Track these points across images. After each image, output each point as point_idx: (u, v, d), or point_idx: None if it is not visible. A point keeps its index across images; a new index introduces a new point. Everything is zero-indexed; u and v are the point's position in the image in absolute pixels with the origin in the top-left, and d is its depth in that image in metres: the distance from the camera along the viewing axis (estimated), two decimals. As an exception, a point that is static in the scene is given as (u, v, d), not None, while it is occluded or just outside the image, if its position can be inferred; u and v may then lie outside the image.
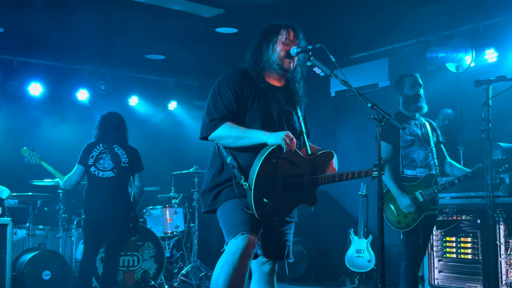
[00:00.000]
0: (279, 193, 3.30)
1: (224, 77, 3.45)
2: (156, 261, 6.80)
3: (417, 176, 4.82)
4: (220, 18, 6.84)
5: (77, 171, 5.75)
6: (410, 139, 4.84)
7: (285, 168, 3.31)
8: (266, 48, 3.44)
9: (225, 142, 3.33)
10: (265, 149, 3.23)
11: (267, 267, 3.55)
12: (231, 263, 3.17)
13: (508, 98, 4.40)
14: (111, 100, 8.46)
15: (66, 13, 6.59)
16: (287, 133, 3.23)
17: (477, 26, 6.74)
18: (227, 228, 3.30)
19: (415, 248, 4.83)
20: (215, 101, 3.37)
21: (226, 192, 3.34)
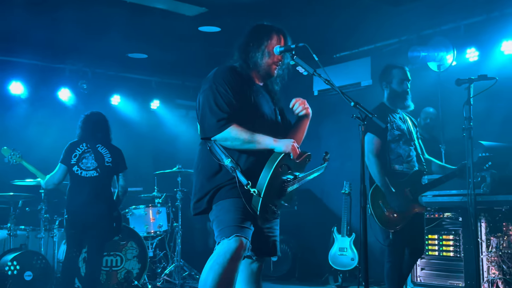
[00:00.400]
0: (276, 199, 3.34)
1: (218, 75, 3.39)
2: (139, 261, 6.77)
3: (405, 171, 4.72)
4: (203, 16, 6.82)
5: (60, 171, 5.70)
6: (397, 134, 4.73)
7: (283, 173, 3.34)
8: (256, 51, 3.44)
9: (230, 144, 3.28)
10: (275, 157, 3.23)
11: (255, 266, 3.56)
12: (221, 263, 3.15)
13: (489, 96, 4.44)
14: (93, 99, 8.40)
15: (47, 12, 6.53)
16: (295, 141, 3.30)
17: (458, 25, 6.80)
18: (220, 227, 3.26)
19: (402, 249, 4.75)
20: (216, 100, 3.28)
21: (224, 191, 3.29)
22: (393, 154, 4.70)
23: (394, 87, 4.81)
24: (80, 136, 5.83)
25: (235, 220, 3.22)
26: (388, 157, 4.69)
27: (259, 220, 3.26)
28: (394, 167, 4.69)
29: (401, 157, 4.71)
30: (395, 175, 4.67)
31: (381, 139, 4.67)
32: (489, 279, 5.56)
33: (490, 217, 5.62)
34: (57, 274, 6.64)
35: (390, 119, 4.73)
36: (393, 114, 4.78)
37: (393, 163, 4.69)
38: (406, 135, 4.77)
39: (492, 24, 6.50)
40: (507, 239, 5.52)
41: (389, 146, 4.69)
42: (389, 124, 4.67)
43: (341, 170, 8.23)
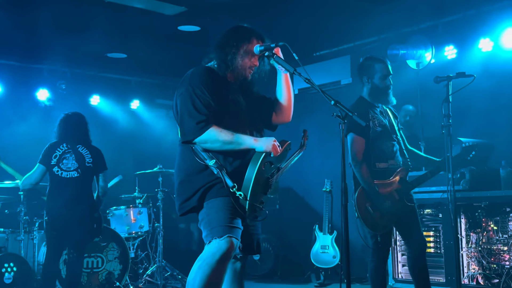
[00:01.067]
0: (262, 195, 3.34)
1: (194, 77, 3.37)
2: (121, 262, 6.73)
3: (389, 168, 4.54)
4: (183, 16, 6.80)
5: (38, 171, 5.64)
6: (379, 131, 4.54)
7: (267, 171, 3.35)
8: (234, 52, 3.41)
9: (211, 146, 3.27)
10: (257, 158, 3.23)
11: (239, 265, 3.56)
12: (210, 263, 3.13)
13: (468, 94, 4.48)
14: (72, 100, 8.34)
15: (24, 11, 6.46)
16: (275, 140, 3.29)
17: (436, 23, 6.85)
18: (212, 227, 3.23)
19: (387, 250, 4.65)
20: (195, 103, 3.27)
21: (216, 189, 3.27)
22: (375, 151, 4.53)
23: (376, 83, 4.61)
24: (59, 137, 5.77)
25: (227, 220, 3.21)
26: (372, 156, 4.52)
27: (248, 219, 3.26)
28: (377, 166, 4.53)
29: (384, 154, 4.54)
30: (379, 173, 4.51)
31: (364, 137, 4.50)
32: (469, 274, 5.62)
33: (469, 213, 5.68)
34: (37, 276, 6.57)
35: (372, 115, 4.56)
36: (373, 109, 4.61)
37: (376, 161, 4.52)
38: (388, 130, 4.60)
39: (470, 22, 6.57)
40: (487, 234, 5.59)
41: (372, 144, 4.51)
42: (371, 121, 4.51)
43: (322, 168, 8.26)
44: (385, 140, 4.57)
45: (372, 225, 4.51)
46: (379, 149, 4.54)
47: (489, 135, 6.11)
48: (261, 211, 3.38)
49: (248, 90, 3.56)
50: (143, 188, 7.96)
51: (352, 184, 7.19)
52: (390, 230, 4.65)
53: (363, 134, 4.49)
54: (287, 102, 3.63)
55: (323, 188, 7.63)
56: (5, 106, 8.10)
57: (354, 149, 4.50)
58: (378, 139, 4.53)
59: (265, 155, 3.25)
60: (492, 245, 5.54)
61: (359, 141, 4.49)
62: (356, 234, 8.17)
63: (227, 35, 3.48)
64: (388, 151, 4.56)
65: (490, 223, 5.58)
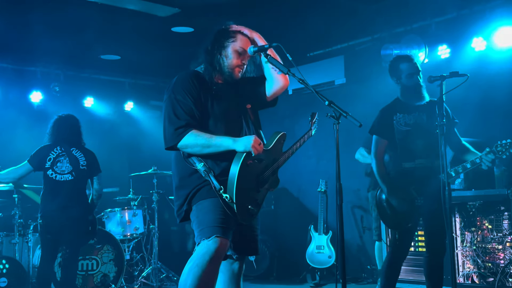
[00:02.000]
0: (255, 193, 3.35)
1: (177, 83, 3.39)
2: (116, 264, 6.72)
3: (416, 167, 4.50)
4: (176, 17, 6.79)
5: (24, 168, 5.62)
6: (405, 130, 4.55)
7: (255, 169, 3.35)
8: (220, 53, 3.42)
9: (192, 150, 3.28)
10: (238, 159, 3.23)
11: (237, 266, 3.56)
12: (201, 265, 3.13)
13: (461, 93, 4.49)
14: (66, 102, 8.32)
15: (18, 13, 6.44)
16: (255, 138, 3.26)
17: (429, 23, 6.87)
18: (200, 228, 3.25)
19: (405, 249, 4.61)
20: (175, 109, 3.30)
21: (205, 191, 3.28)
22: (404, 151, 4.54)
23: (404, 82, 4.61)
24: (53, 139, 5.75)
25: (215, 221, 3.21)
26: (399, 155, 4.55)
27: (239, 219, 3.26)
28: (403, 165, 4.54)
29: (411, 153, 4.51)
30: (405, 172, 4.52)
31: (386, 138, 4.62)
32: (464, 273, 5.64)
33: (464, 212, 5.70)
34: (32, 279, 6.55)
35: (397, 116, 4.58)
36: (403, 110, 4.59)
37: (403, 160, 4.54)
38: (420, 129, 4.52)
39: (463, 21, 6.58)
40: (481, 233, 5.60)
41: (399, 143, 4.55)
42: (394, 121, 4.55)
43: (316, 168, 8.27)
44: (415, 139, 4.53)
45: (389, 223, 4.63)
46: (406, 148, 4.54)
47: (482, 134, 6.12)
48: (257, 209, 3.38)
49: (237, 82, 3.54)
50: (138, 190, 7.94)
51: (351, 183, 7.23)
52: (410, 229, 4.60)
53: (384, 135, 4.62)
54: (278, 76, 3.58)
55: (318, 188, 7.63)
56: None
57: (373, 148, 4.65)
58: (405, 138, 4.55)
59: (246, 154, 3.24)
60: (487, 244, 5.55)
61: (379, 142, 4.64)
62: (351, 234, 8.22)
63: (212, 37, 3.48)
64: (416, 150, 4.52)
65: (484, 222, 5.60)
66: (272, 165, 3.46)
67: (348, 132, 6.22)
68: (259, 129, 3.60)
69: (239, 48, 3.44)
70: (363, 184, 7.63)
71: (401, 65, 4.63)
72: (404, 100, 4.65)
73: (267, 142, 3.51)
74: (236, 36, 3.47)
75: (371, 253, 7.66)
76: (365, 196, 7.87)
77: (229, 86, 3.50)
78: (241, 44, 3.45)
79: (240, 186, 3.19)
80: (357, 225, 8.03)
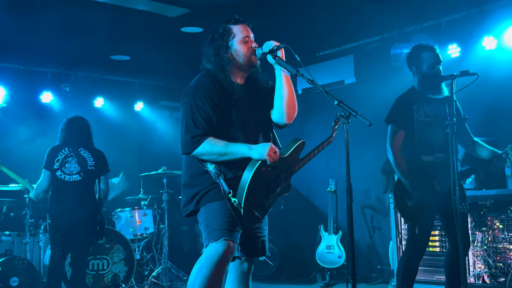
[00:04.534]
0: (264, 199, 3.35)
1: (197, 87, 3.35)
2: (126, 264, 6.74)
3: (436, 161, 4.37)
4: (185, 17, 6.80)
5: (45, 177, 5.67)
6: (425, 121, 4.40)
7: (268, 176, 3.34)
8: (228, 52, 3.40)
9: (208, 158, 3.28)
10: (251, 167, 3.23)
11: (246, 266, 3.56)
12: (209, 266, 3.15)
13: (472, 92, 4.47)
14: (76, 102, 8.35)
15: (28, 15, 6.47)
16: (271, 146, 3.25)
17: (439, 22, 6.84)
18: (208, 230, 3.26)
19: (423, 246, 4.51)
20: (194, 116, 3.28)
21: (213, 193, 3.29)
22: (423, 143, 4.38)
23: (425, 72, 4.43)
24: (61, 140, 5.79)
25: (223, 224, 3.23)
26: (417, 147, 4.39)
27: (244, 223, 3.25)
28: (422, 158, 4.38)
29: (431, 146, 4.38)
30: (424, 166, 4.39)
31: (404, 129, 4.41)
32: (475, 273, 5.61)
33: (475, 212, 5.67)
34: (43, 279, 6.58)
35: (417, 106, 4.42)
36: (422, 100, 4.45)
37: (422, 153, 4.38)
38: (438, 120, 4.39)
39: (473, 20, 6.55)
40: (492, 233, 5.58)
41: (418, 135, 4.39)
42: (414, 112, 4.39)
43: (326, 168, 8.25)
44: (435, 131, 4.39)
45: (409, 217, 4.43)
46: (425, 141, 4.39)
47: (493, 133, 6.09)
48: (264, 214, 3.38)
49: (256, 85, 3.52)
50: (148, 190, 7.97)
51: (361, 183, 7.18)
52: (430, 224, 4.51)
53: (403, 126, 4.42)
54: (288, 103, 3.49)
55: (328, 188, 7.62)
56: (10, 109, 8.12)
57: (390, 140, 4.43)
58: (425, 130, 4.39)
59: (260, 162, 3.24)
60: (498, 244, 5.52)
61: (397, 133, 4.42)
62: (361, 234, 8.20)
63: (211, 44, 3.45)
64: (436, 143, 4.39)
65: (495, 222, 5.57)
66: (286, 172, 3.45)
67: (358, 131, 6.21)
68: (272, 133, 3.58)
69: (242, 38, 3.42)
70: (373, 184, 7.62)
71: (424, 54, 4.47)
72: (421, 90, 4.50)
73: (284, 149, 3.48)
74: (232, 30, 3.44)
75: (381, 252, 7.64)
76: (375, 196, 7.86)
77: (248, 87, 3.48)
78: (242, 35, 3.43)
79: (250, 193, 3.20)
80: (367, 225, 8.01)
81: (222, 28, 3.46)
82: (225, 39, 3.42)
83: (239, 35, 3.43)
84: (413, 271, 4.50)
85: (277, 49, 3.38)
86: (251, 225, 3.34)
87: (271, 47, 3.37)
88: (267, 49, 3.37)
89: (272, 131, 3.60)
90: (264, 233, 3.56)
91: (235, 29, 3.45)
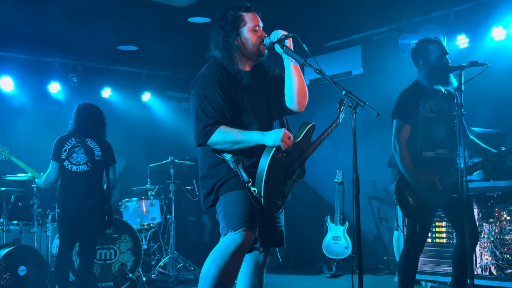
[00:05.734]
0: (282, 186, 3.32)
1: (205, 77, 3.33)
2: (133, 254, 6.77)
3: (438, 157, 4.35)
4: (193, 7, 6.79)
5: (53, 168, 5.68)
6: (430, 117, 4.36)
7: (283, 162, 3.31)
8: (238, 39, 3.37)
9: (221, 147, 3.25)
10: (267, 153, 3.19)
11: (261, 257, 3.54)
12: (224, 257, 3.12)
13: (480, 83, 4.44)
14: (84, 93, 8.36)
15: (35, 5, 6.47)
16: (284, 132, 3.22)
17: (448, 12, 6.79)
18: (227, 220, 3.22)
19: (423, 242, 4.49)
20: (203, 106, 3.25)
21: (233, 182, 3.25)
22: (425, 139, 4.35)
23: (433, 63, 4.37)
24: (70, 129, 5.79)
25: (242, 213, 3.19)
26: (419, 143, 4.35)
27: (265, 211, 3.23)
28: (424, 154, 4.36)
29: (433, 142, 4.35)
30: (426, 162, 4.36)
31: (410, 124, 4.35)
32: (482, 265, 5.60)
33: (482, 203, 5.65)
34: (51, 268, 6.62)
35: (422, 100, 4.38)
36: (427, 94, 4.40)
37: (423, 149, 4.35)
38: (444, 116, 4.38)
39: (482, 10, 6.50)
40: (499, 224, 5.56)
41: (421, 130, 4.35)
42: (420, 107, 4.34)
43: (333, 159, 8.25)
44: (438, 127, 4.37)
45: (410, 214, 4.40)
46: (428, 137, 4.36)
47: (501, 125, 6.07)
48: (283, 201, 3.36)
49: (263, 73, 3.50)
50: (155, 180, 7.98)
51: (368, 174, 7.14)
52: (429, 221, 4.50)
53: (409, 121, 4.37)
54: (298, 91, 3.48)
55: (335, 179, 7.62)
56: (17, 100, 8.15)
57: (396, 135, 4.38)
58: (429, 125, 4.35)
59: (275, 149, 3.21)
60: (505, 235, 5.51)
61: (403, 128, 4.37)
62: (368, 225, 8.20)
63: (220, 30, 3.42)
64: (438, 139, 4.37)
65: (503, 213, 5.55)
66: (300, 157, 3.43)
67: (366, 122, 6.20)
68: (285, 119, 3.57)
69: (252, 27, 3.40)
70: (380, 175, 7.61)
71: (430, 46, 4.42)
72: (427, 83, 4.44)
73: (296, 134, 3.46)
74: (243, 18, 3.42)
75: (388, 244, 7.64)
76: (381, 187, 7.85)
77: (255, 74, 3.45)
78: (253, 23, 3.41)
79: (269, 181, 3.16)
80: (373, 216, 8.01)
81: (233, 15, 3.44)
82: (236, 26, 3.40)
83: (250, 23, 3.41)
84: (414, 265, 4.49)
85: (285, 38, 3.35)
86: (272, 213, 3.33)
87: (279, 36, 3.35)
88: (275, 39, 3.35)
89: (285, 116, 3.57)
90: (281, 223, 3.55)
91: (246, 16, 3.43)
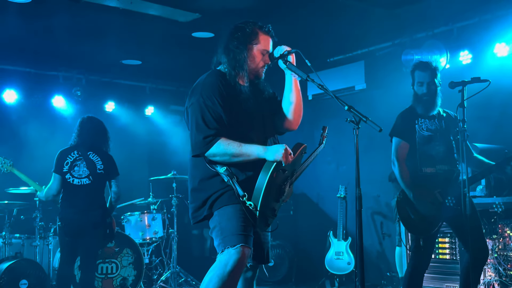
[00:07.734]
0: (274, 203, 3.31)
1: (205, 86, 3.30)
2: (135, 268, 6.75)
3: (438, 173, 4.48)
4: (197, 22, 6.83)
5: (55, 181, 5.67)
6: (427, 135, 4.52)
7: (279, 179, 3.30)
8: (244, 53, 3.36)
9: (220, 159, 3.21)
10: (268, 168, 3.18)
11: (250, 273, 3.52)
12: (221, 276, 3.09)
13: (483, 99, 4.45)
14: (88, 106, 8.38)
15: (40, 19, 6.52)
16: (286, 148, 3.20)
17: (451, 28, 6.81)
18: (224, 235, 3.17)
19: (428, 256, 4.52)
20: (204, 116, 3.21)
21: (227, 196, 3.22)
22: (423, 156, 4.49)
23: (416, 89, 4.62)
24: (72, 142, 5.80)
25: (239, 228, 3.15)
26: (418, 160, 4.49)
27: (258, 228, 3.22)
28: (424, 170, 4.48)
29: (432, 159, 4.48)
30: (426, 178, 4.48)
31: (408, 142, 4.54)
32: (486, 282, 5.57)
33: (485, 219, 5.63)
34: (52, 281, 6.61)
35: (419, 120, 4.56)
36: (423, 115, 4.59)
37: (423, 166, 4.48)
38: (440, 134, 4.53)
39: (485, 26, 6.51)
40: (503, 241, 5.54)
41: (419, 148, 4.50)
42: (416, 125, 4.52)
43: (336, 174, 8.24)
44: (435, 145, 4.52)
45: (413, 228, 4.48)
46: (427, 154, 4.50)
47: (504, 141, 6.05)
48: (273, 219, 3.35)
49: (259, 90, 3.50)
50: (157, 194, 7.98)
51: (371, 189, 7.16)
52: (434, 234, 4.54)
53: (407, 139, 4.53)
54: (296, 108, 3.50)
55: (337, 194, 7.61)
56: (21, 113, 8.18)
57: (395, 152, 4.56)
58: (427, 143, 4.51)
59: (276, 164, 3.19)
60: (509, 252, 5.48)
61: (401, 146, 4.55)
62: (371, 240, 8.16)
63: (233, 37, 3.41)
64: (438, 156, 4.50)
65: (506, 229, 5.53)
66: (292, 177, 3.42)
67: (368, 137, 6.20)
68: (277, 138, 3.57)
69: (262, 50, 3.41)
70: (383, 190, 7.59)
71: (416, 72, 4.64)
72: (416, 108, 4.64)
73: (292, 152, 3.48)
74: (259, 37, 3.41)
75: (391, 259, 7.60)
76: (384, 202, 7.83)
77: (252, 89, 3.44)
78: (264, 46, 3.42)
79: (266, 196, 3.15)
80: (376, 231, 7.98)
81: (251, 29, 3.43)
82: (250, 41, 3.39)
83: (262, 45, 3.41)
84: (419, 281, 4.51)
85: (288, 54, 3.37)
86: (263, 229, 3.31)
87: (282, 52, 3.37)
88: (278, 54, 3.37)
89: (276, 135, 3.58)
90: (268, 239, 3.53)
91: (261, 37, 3.42)
